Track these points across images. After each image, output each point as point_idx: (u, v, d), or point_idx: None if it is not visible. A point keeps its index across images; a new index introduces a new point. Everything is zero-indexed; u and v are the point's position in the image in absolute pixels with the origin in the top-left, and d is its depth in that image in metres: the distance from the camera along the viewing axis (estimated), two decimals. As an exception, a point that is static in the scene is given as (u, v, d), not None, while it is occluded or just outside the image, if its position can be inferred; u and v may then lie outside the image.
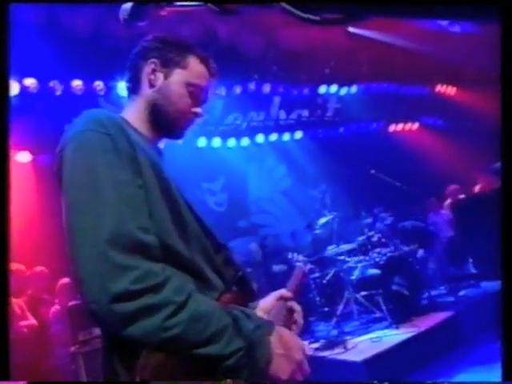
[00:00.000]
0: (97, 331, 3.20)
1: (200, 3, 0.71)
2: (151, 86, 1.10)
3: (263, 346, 0.87)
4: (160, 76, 1.09)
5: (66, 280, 3.89)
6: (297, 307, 1.11)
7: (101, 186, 0.87)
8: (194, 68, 1.11)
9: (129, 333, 0.81)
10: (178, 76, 1.09)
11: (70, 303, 3.53)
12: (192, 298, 0.85)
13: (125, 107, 1.14)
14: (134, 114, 1.10)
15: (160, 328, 0.81)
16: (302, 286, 1.27)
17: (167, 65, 1.09)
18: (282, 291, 1.15)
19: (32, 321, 3.62)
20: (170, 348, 0.82)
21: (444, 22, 6.12)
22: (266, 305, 1.10)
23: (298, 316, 1.10)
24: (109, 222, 0.84)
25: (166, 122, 1.10)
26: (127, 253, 0.82)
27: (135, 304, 0.80)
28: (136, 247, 0.84)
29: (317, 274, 4.65)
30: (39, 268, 4.04)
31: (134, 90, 1.13)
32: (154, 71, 1.09)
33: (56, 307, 3.84)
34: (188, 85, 1.09)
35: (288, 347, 0.90)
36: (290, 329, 1.05)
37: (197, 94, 1.11)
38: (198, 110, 1.12)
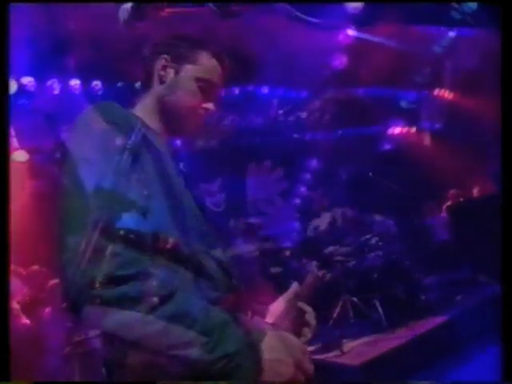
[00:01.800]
0: (92, 332, 3.18)
1: (201, 4, 0.71)
2: (161, 81, 1.08)
3: (253, 353, 0.82)
4: (170, 72, 1.08)
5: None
6: (308, 308, 1.08)
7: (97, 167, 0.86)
8: (205, 63, 1.09)
9: (107, 324, 0.76)
10: (188, 71, 1.08)
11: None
12: (177, 295, 0.80)
13: (136, 104, 1.12)
14: (144, 110, 1.09)
15: (140, 321, 0.76)
16: (315, 290, 1.23)
17: (178, 60, 1.08)
18: (295, 289, 1.08)
19: (26, 321, 3.59)
20: (151, 345, 0.77)
21: (442, 26, 6.15)
22: (277, 308, 1.06)
23: (310, 317, 1.06)
24: (100, 208, 0.80)
25: (176, 118, 1.08)
26: (116, 240, 0.78)
27: (116, 291, 0.76)
28: (128, 236, 0.80)
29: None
30: (35, 267, 4.01)
31: (145, 86, 1.12)
32: (164, 67, 1.08)
33: (50, 307, 3.81)
34: (198, 80, 1.07)
35: (283, 350, 0.86)
36: (300, 331, 1.03)
37: (207, 90, 1.09)
38: (208, 105, 1.10)
